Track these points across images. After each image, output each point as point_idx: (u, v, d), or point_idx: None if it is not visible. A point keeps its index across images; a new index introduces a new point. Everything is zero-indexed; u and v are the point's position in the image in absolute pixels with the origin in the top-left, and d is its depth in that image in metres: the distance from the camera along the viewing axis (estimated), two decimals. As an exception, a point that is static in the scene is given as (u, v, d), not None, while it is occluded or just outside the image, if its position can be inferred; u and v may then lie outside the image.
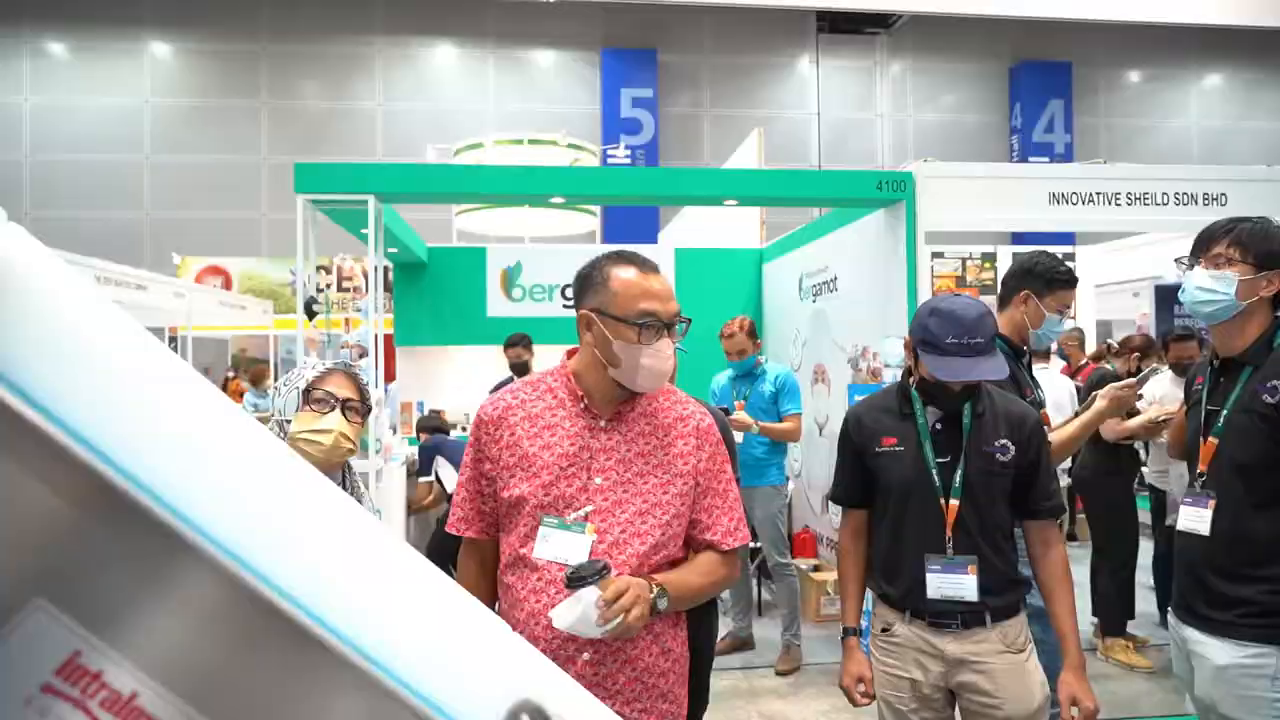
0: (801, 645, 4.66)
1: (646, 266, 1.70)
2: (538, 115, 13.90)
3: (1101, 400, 2.71)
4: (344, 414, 1.77)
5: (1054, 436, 2.64)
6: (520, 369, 5.71)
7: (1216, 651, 1.97)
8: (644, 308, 1.64)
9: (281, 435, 1.75)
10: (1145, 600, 4.99)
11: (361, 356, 4.73)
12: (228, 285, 12.02)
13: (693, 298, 7.15)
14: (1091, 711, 2.02)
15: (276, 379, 9.85)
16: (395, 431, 6.50)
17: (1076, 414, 2.91)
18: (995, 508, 2.08)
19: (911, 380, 2.18)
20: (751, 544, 4.89)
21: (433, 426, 5.86)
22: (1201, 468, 2.08)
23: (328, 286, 11.36)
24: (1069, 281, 2.77)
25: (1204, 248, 2.09)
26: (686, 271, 7.18)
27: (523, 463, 1.67)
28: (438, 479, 5.34)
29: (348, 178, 4.58)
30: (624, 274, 1.67)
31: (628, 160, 12.34)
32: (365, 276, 5.62)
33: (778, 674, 4.49)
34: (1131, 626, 4.78)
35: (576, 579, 1.46)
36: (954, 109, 15.69)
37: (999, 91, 15.72)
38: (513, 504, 1.67)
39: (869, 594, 2.28)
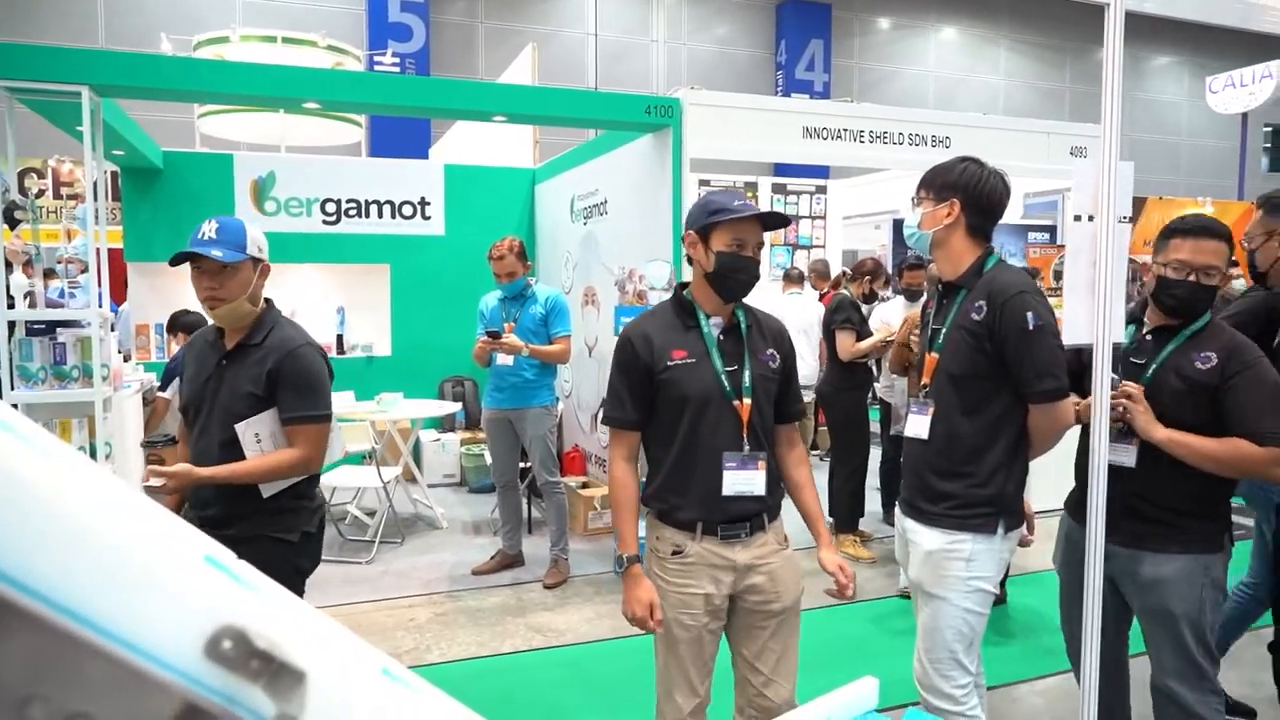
0: (569, 559, 4.82)
1: None
2: (293, 11, 12.69)
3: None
4: None
5: None
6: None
7: (926, 538, 2.28)
8: None
9: None
10: (872, 501, 5.62)
11: (82, 272, 4.20)
12: (-94, 186, 10.13)
13: (463, 217, 6.96)
14: (852, 573, 2.29)
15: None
16: (129, 359, 5.88)
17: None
18: (768, 410, 2.27)
19: (687, 292, 2.27)
20: (521, 463, 4.96)
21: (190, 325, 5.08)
22: (925, 380, 2.35)
23: (40, 192, 9.93)
24: None
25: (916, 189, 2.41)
26: (456, 189, 6.96)
27: None
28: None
29: (55, 64, 3.98)
30: None
31: (395, 68, 11.58)
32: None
33: (546, 588, 4.63)
34: (860, 524, 5.38)
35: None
36: (725, 41, 16.09)
37: (767, 27, 16.30)
38: None
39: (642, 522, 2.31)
